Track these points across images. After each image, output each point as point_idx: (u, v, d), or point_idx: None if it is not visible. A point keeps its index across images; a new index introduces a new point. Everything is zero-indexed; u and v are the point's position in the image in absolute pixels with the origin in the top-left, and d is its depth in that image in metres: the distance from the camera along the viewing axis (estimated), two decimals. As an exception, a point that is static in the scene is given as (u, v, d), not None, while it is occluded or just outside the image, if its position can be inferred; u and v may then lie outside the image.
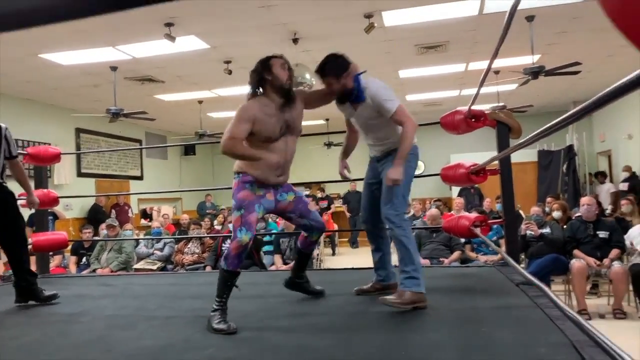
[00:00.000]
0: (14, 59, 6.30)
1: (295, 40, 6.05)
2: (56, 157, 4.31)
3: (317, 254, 7.62)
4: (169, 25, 5.36)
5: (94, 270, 5.95)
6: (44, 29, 5.71)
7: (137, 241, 6.69)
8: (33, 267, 5.14)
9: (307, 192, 12.86)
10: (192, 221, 7.21)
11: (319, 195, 12.14)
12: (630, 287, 4.92)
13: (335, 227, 10.74)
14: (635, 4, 0.37)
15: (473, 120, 3.15)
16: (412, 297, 2.43)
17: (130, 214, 10.39)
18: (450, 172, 3.42)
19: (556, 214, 5.66)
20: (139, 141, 11.84)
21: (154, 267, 6.17)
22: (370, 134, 2.79)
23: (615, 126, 10.46)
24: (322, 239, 9.01)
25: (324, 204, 11.84)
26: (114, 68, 6.93)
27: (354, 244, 11.71)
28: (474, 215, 3.46)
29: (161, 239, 6.45)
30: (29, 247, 3.60)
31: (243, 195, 2.46)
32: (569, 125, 1.35)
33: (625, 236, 5.20)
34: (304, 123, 2.73)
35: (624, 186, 9.43)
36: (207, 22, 5.49)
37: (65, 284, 3.95)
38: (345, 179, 3.16)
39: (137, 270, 6.05)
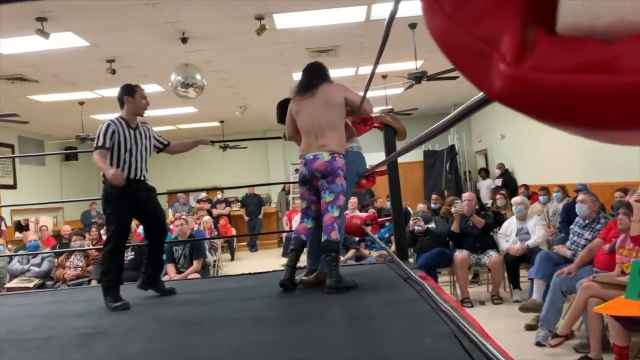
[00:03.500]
0: None
1: (184, 40, 5.84)
2: None
3: (215, 260, 7.43)
4: (41, 20, 4.90)
5: (-43, 293, 5.27)
6: None
7: (10, 257, 6.04)
8: None
9: (204, 195, 12.50)
10: (74, 232, 6.67)
11: (218, 197, 11.88)
12: (505, 275, 5.41)
13: (234, 231, 10.55)
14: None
15: (361, 124, 3.25)
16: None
17: (2, 227, 9.36)
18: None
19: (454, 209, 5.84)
20: (11, 146, 10.72)
21: (31, 285, 5.61)
22: None
23: (490, 127, 11.47)
24: (220, 243, 8.81)
25: (222, 207, 11.60)
26: (-24, 65, 6.21)
27: (253, 247, 11.61)
28: (365, 214, 3.58)
29: (37, 253, 5.88)
30: None
31: None
32: (451, 127, 1.44)
33: (500, 228, 5.71)
34: (197, 125, 2.66)
35: (498, 182, 10.36)
36: (85, 18, 5.11)
37: None
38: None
39: (9, 289, 5.46)
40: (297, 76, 8.22)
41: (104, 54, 6.22)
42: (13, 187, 10.65)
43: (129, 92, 3.14)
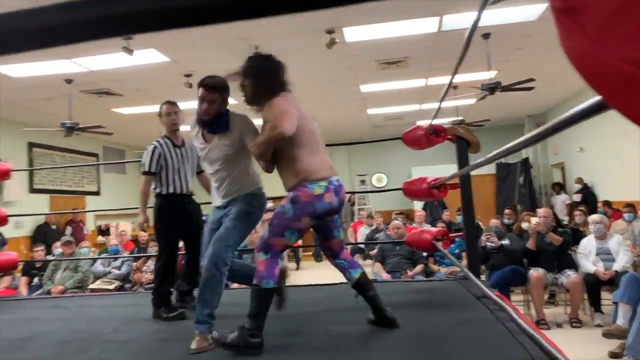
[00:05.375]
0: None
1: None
2: (6, 174, 4.12)
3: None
4: (127, 38, 5.24)
5: (48, 292, 5.67)
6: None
7: (93, 259, 6.44)
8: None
9: (271, 206, 12.74)
10: (151, 238, 7.00)
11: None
12: (586, 296, 5.07)
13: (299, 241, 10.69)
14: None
15: (434, 135, 3.19)
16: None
17: (85, 231, 10.02)
18: (412, 186, 3.45)
19: (525, 225, 5.66)
20: (96, 155, 11.49)
21: (111, 287, 5.95)
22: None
23: (568, 139, 10.89)
24: (286, 253, 8.94)
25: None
26: (69, 81, 6.71)
27: (317, 257, 11.67)
28: (435, 229, 3.49)
29: (118, 257, 6.23)
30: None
31: None
32: (531, 145, 1.38)
33: (579, 247, 5.38)
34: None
35: (577, 197, 9.79)
36: (166, 35, 5.40)
37: (14, 307, 3.75)
38: None
39: (92, 290, 5.82)
40: (365, 89, 8.29)
41: (183, 68, 6.54)
42: (97, 193, 11.40)
43: (159, 111, 3.25)
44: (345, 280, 2.58)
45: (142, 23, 0.49)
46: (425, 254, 5.50)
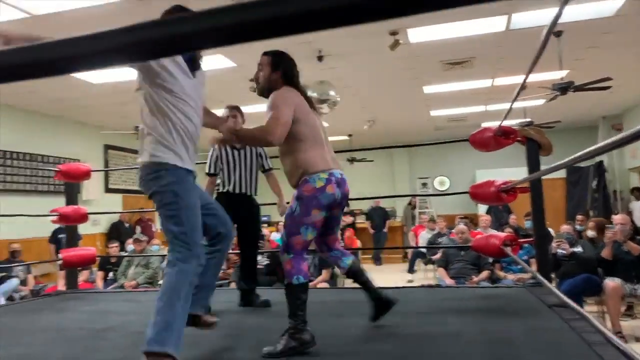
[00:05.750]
0: (48, 79, 6.49)
1: (320, 58, 6.09)
2: (87, 174, 4.39)
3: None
4: (196, 44, 5.46)
5: (122, 286, 6.00)
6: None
7: (163, 257, 6.73)
8: (62, 283, 5.25)
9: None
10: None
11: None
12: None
13: (359, 243, 10.65)
14: None
15: (503, 137, 3.09)
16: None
17: (154, 229, 10.50)
18: (479, 190, 3.36)
19: (590, 233, 5.47)
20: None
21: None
22: None
23: (647, 142, 10.18)
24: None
25: (347, 218, 11.80)
26: (142, 86, 7.07)
27: (377, 260, 11.60)
28: (503, 234, 3.39)
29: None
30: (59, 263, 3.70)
31: None
32: (609, 151, 1.30)
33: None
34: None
35: (657, 203, 9.15)
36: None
37: (93, 299, 3.99)
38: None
39: (162, 286, 6.09)
40: (429, 90, 8.17)
41: (248, 73, 6.72)
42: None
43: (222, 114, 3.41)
44: (407, 284, 2.57)
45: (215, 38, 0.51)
46: (491, 259, 5.34)
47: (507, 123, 3.23)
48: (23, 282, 6.51)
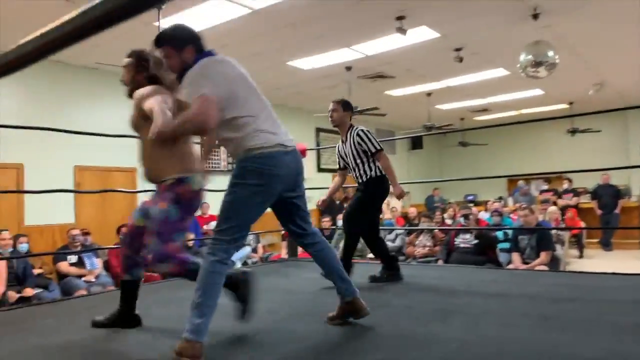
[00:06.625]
0: (266, 68, 7.19)
1: (535, 16, 5.46)
2: (304, 152, 4.71)
3: (561, 255, 6.78)
4: (400, 18, 5.39)
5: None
6: (290, 38, 6.39)
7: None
8: (284, 252, 5.80)
9: (546, 186, 11.65)
10: (422, 214, 7.19)
11: (564, 187, 10.88)
12: None
13: (583, 225, 9.43)
14: None
15: None
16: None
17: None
18: None
19: None
20: (370, 137, 12.38)
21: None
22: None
23: None
24: (567, 238, 7.97)
25: (569, 197, 10.57)
26: (348, 68, 7.34)
27: (606, 245, 10.13)
28: None
29: (393, 229, 6.59)
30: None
31: None
32: None
33: None
34: (541, 109, 2.33)
35: None
36: (437, 10, 5.35)
37: (311, 267, 4.30)
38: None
39: (371, 259, 6.29)
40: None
41: (453, 43, 6.42)
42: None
43: None
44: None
45: None
46: None
47: None
48: (254, 250, 7.45)
